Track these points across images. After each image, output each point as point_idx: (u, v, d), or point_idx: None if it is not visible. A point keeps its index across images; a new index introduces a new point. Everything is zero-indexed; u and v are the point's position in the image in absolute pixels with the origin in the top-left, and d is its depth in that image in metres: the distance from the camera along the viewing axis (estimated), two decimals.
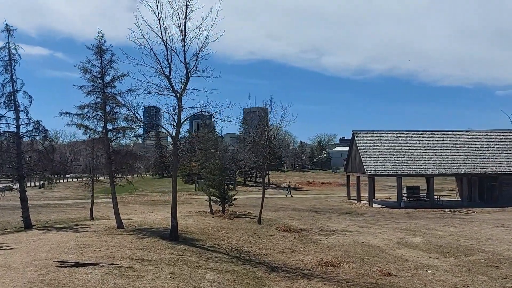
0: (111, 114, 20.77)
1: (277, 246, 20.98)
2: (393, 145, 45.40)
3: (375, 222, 31.24)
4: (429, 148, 45.11)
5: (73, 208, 41.69)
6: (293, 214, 36.31)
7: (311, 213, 37.71)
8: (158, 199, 54.39)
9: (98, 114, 20.56)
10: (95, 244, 15.10)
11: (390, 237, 24.36)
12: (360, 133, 46.91)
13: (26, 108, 23.20)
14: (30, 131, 23.26)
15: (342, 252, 20.08)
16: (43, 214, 35.21)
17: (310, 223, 30.72)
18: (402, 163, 43.67)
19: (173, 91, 18.42)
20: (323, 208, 41.83)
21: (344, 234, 25.69)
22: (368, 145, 45.48)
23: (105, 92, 20.54)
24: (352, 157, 48.99)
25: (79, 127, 20.38)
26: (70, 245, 14.68)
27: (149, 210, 37.15)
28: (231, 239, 21.13)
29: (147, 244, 16.38)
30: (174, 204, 18.65)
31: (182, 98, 18.38)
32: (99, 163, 24.29)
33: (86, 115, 20.26)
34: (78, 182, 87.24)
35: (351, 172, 49.68)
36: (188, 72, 18.35)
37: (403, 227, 28.48)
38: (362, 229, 27.92)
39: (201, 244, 18.59)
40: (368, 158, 44.17)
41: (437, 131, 47.19)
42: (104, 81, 20.64)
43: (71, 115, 20.04)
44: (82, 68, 20.40)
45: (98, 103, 20.50)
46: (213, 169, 33.08)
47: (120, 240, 16.41)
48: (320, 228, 28.27)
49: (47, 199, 53.06)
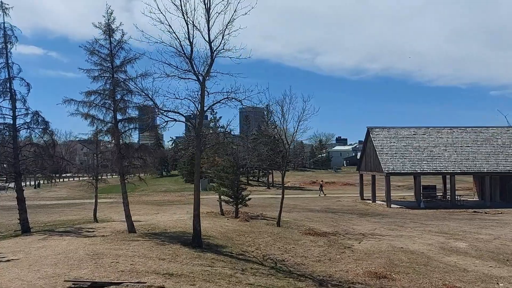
0: (121, 102, 18.17)
1: (310, 253, 18.49)
2: (410, 142, 42.98)
3: (402, 224, 28.85)
4: (449, 145, 42.74)
5: (72, 209, 39.12)
6: (309, 215, 33.88)
7: (328, 214, 35.30)
8: (160, 199, 51.78)
9: (107, 102, 17.94)
10: (110, 253, 12.54)
11: (429, 242, 21.96)
12: (376, 130, 44.46)
13: (24, 97, 20.62)
14: (28, 123, 20.64)
15: (385, 260, 17.63)
16: (41, 216, 32.59)
17: (332, 225, 28.32)
18: (421, 161, 41.26)
19: (195, 74, 15.89)
20: (338, 209, 39.40)
21: (375, 238, 23.26)
22: (385, 142, 43.05)
23: (114, 77, 17.93)
24: (367, 155, 46.52)
25: (85, 117, 17.71)
26: (80, 255, 12.10)
27: (154, 211, 34.57)
28: (257, 244, 18.62)
29: (170, 252, 13.83)
30: (196, 206, 16.10)
31: (205, 82, 15.82)
32: (106, 159, 21.66)
33: (93, 103, 17.61)
34: (75, 182, 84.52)
35: (365, 170, 47.22)
36: (212, 52, 15.81)
37: (436, 230, 26.11)
38: (392, 232, 25.51)
39: (228, 251, 16.06)
40: (385, 155, 41.73)
41: (456, 128, 44.81)
42: (114, 65, 18.03)
43: (76, 103, 17.39)
44: (88, 49, 17.76)
45: (107, 89, 17.89)
46: (225, 167, 30.56)
47: (138, 248, 13.85)
48: (345, 231, 25.86)
49: (43, 199, 50.31)
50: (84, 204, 44.81)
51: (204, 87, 15.79)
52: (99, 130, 17.88)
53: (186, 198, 53.32)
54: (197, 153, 15.77)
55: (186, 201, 47.97)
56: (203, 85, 15.75)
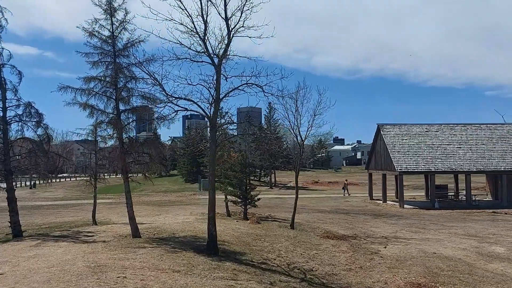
0: (124, 91, 16.10)
1: (336, 259, 16.51)
2: (423, 139, 41.04)
3: (423, 226, 26.92)
4: (463, 143, 40.82)
5: (69, 210, 37.07)
6: (320, 216, 31.94)
7: (339, 215, 33.36)
8: (161, 200, 49.68)
9: (108, 90, 15.84)
10: (115, 265, 10.49)
11: (462, 246, 20.04)
12: (386, 127, 42.52)
13: (15, 87, 18.54)
14: (20, 115, 18.56)
15: (423, 268, 15.68)
16: (36, 217, 30.53)
17: (349, 227, 26.38)
18: (435, 159, 39.32)
19: (209, 56, 13.87)
20: (349, 210, 37.44)
21: (400, 242, 21.32)
22: (396, 140, 41.10)
23: (116, 61, 15.87)
24: (377, 153, 44.56)
25: (83, 107, 15.61)
26: (79, 268, 10.05)
27: (156, 212, 32.54)
28: (277, 250, 16.60)
29: (184, 262, 11.80)
30: (212, 206, 14.06)
31: (221, 66, 13.81)
32: (105, 157, 19.58)
33: (92, 90, 15.49)
34: (72, 182, 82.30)
35: (375, 169, 45.25)
36: (230, 31, 13.79)
37: (462, 233, 24.22)
38: (416, 235, 23.59)
39: (248, 259, 14.05)
40: (397, 153, 39.78)
41: (470, 124, 42.90)
42: (116, 48, 15.96)
43: (73, 90, 15.25)
44: (87, 30, 15.66)
45: (108, 75, 15.80)
46: (233, 164, 28.53)
47: (147, 257, 11.81)
48: (365, 234, 23.92)
49: (39, 200, 48.16)
50: (82, 205, 42.77)
51: (220, 71, 13.77)
52: (99, 122, 15.77)
53: (188, 198, 51.36)
54: (212, 147, 13.74)
55: (187, 201, 46.01)
56: (219, 68, 13.73)
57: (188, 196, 54.21)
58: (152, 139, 16.22)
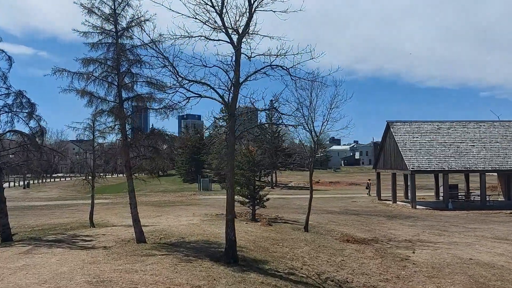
0: (127, 76, 14.17)
1: (367, 268, 14.68)
2: (435, 137, 39.25)
3: (445, 229, 25.15)
4: (476, 141, 39.07)
5: (64, 211, 35.06)
6: (331, 217, 30.11)
7: (351, 216, 31.56)
8: (160, 200, 47.59)
9: (110, 75, 13.90)
10: (121, 279, 8.58)
11: (496, 250, 18.30)
12: (396, 124, 40.70)
13: (5, 74, 16.61)
14: (10, 106, 16.62)
15: (466, 278, 13.89)
16: (28, 218, 28.54)
17: (365, 229, 24.60)
18: (448, 158, 37.54)
19: (227, 34, 11.98)
20: (358, 210, 35.63)
21: (427, 246, 19.55)
22: (407, 137, 39.29)
23: (119, 42, 13.94)
24: (386, 151, 42.72)
25: (81, 95, 13.66)
26: (78, 284, 8.13)
27: (156, 213, 30.58)
28: (300, 257, 14.73)
29: (203, 274, 9.90)
30: (231, 208, 12.13)
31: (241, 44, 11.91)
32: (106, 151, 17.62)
33: (92, 75, 13.54)
34: (66, 182, 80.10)
35: (384, 168, 43.39)
36: (251, 4, 11.89)
37: (490, 235, 22.51)
38: (441, 238, 21.82)
39: (272, 269, 12.16)
40: (409, 152, 37.98)
41: (483, 122, 41.18)
42: (118, 28, 14.03)
43: (70, 74, 13.30)
44: (85, 6, 13.69)
45: (109, 58, 13.86)
46: (241, 163, 26.64)
47: (158, 269, 9.89)
48: (385, 237, 22.14)
49: (32, 200, 46.03)
50: (77, 205, 40.73)
51: (239, 51, 11.87)
52: (99, 111, 13.81)
53: (187, 198, 49.35)
54: (231, 139, 11.83)
55: (188, 202, 44.03)
56: (239, 47, 11.82)
57: (188, 196, 52.17)
58: (160, 130, 14.16)
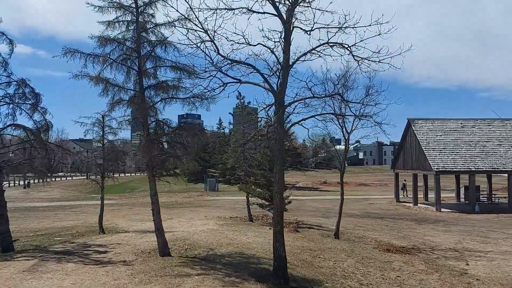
0: (149, 60, 12.04)
1: (429, 286, 12.54)
2: (460, 136, 37.13)
3: (485, 235, 23.14)
4: (503, 140, 36.98)
5: (67, 212, 33.04)
6: (355, 222, 28.12)
7: (374, 220, 29.56)
8: (167, 201, 45.43)
9: (130, 58, 11.74)
10: None
11: None
12: (418, 122, 38.58)
13: (5, 60, 14.48)
14: (11, 96, 14.49)
15: None
16: (30, 221, 26.53)
17: (398, 236, 22.61)
18: (474, 157, 35.43)
19: (273, 4, 9.84)
20: (380, 213, 33.53)
21: (478, 256, 17.54)
22: (430, 136, 37.20)
23: (139, 20, 11.79)
24: (406, 150, 40.57)
25: (95, 82, 11.52)
26: None
27: (167, 216, 28.43)
28: (351, 274, 12.61)
29: None
30: (279, 218, 9.97)
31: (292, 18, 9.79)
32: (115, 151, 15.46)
33: (109, 57, 11.41)
34: (68, 181, 77.96)
35: (404, 169, 41.23)
36: None
37: None
38: (489, 246, 19.82)
39: None
40: (433, 151, 35.86)
41: (508, 120, 39.10)
42: (139, 2, 11.89)
43: (84, 56, 11.17)
44: None
45: (129, 38, 11.72)
46: (261, 162, 24.51)
47: None
48: (425, 244, 20.11)
49: (34, 201, 43.89)
50: (81, 206, 38.69)
51: (290, 25, 9.73)
52: (117, 101, 11.63)
53: (195, 199, 47.26)
54: (280, 132, 9.70)
55: (196, 203, 41.95)
56: (289, 21, 9.68)
57: (195, 197, 50.11)
58: (190, 123, 11.93)
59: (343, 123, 21.81)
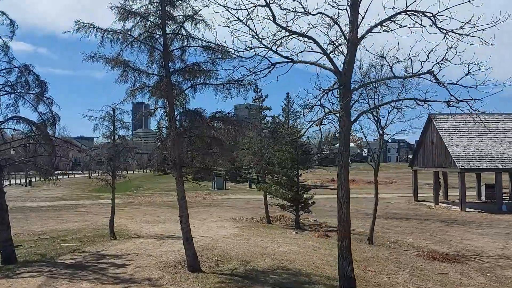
0: (176, 40, 10.14)
1: None
2: (484, 132, 35.11)
3: None
4: None
5: (71, 213, 31.27)
6: (381, 223, 26.15)
7: (399, 221, 27.79)
8: (175, 200, 43.36)
9: (154, 35, 9.82)
10: None
11: None
12: (440, 117, 36.63)
13: (5, 43, 12.62)
14: (13, 84, 12.62)
15: None
16: (33, 222, 24.76)
17: (433, 239, 20.81)
18: (501, 154, 33.53)
19: None
20: (402, 213, 31.70)
21: None
22: (453, 132, 35.28)
23: None
24: (426, 147, 38.64)
25: (113, 65, 9.62)
26: None
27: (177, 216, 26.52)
28: None
29: None
30: (346, 229, 8.15)
31: None
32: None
33: (129, 35, 9.47)
34: (70, 179, 76.04)
35: (423, 166, 39.31)
36: None
37: None
38: None
39: None
40: (456, 148, 33.96)
41: None
42: None
43: (100, 32, 9.21)
44: None
45: (152, 13, 9.76)
46: (283, 160, 22.63)
47: None
48: (468, 250, 18.26)
49: (36, 200, 42.08)
50: (85, 206, 36.85)
51: None
52: (141, 87, 9.67)
53: (203, 198, 45.37)
54: (347, 122, 7.83)
55: (206, 202, 40.11)
56: None
57: (203, 196, 48.17)
58: (227, 114, 9.96)
59: (377, 115, 19.86)
